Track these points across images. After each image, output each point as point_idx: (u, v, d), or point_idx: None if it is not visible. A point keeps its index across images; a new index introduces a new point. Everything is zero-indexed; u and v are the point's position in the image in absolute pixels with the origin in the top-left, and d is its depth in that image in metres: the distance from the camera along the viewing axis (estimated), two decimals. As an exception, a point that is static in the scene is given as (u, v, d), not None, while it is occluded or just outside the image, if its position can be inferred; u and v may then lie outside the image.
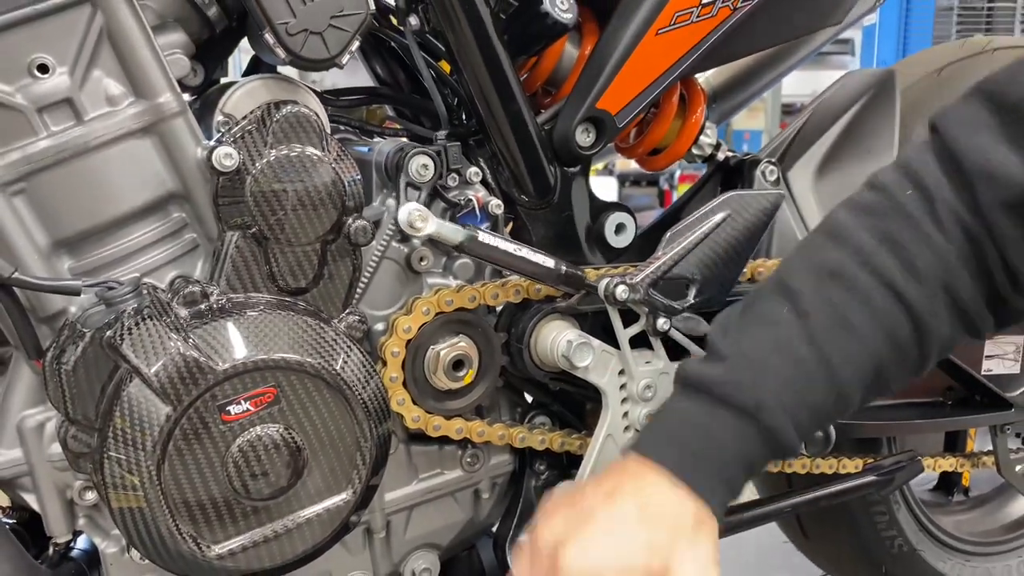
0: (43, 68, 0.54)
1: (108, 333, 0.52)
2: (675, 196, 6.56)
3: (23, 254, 0.55)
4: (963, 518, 1.19)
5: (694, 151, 0.90)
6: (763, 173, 0.92)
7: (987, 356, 1.00)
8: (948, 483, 1.25)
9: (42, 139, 0.55)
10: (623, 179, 6.18)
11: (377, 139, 0.82)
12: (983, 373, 1.00)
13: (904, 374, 0.58)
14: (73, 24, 0.55)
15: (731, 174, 0.95)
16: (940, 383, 0.98)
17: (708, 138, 0.89)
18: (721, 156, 0.92)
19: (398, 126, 0.85)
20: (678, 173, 6.58)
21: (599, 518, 0.51)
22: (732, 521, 0.85)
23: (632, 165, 1.04)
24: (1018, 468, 1.05)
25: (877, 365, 0.56)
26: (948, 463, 1.03)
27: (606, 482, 0.54)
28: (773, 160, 0.92)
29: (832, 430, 0.81)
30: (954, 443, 1.12)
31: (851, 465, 0.91)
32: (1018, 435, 1.08)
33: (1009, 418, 0.99)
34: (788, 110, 6.76)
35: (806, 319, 0.55)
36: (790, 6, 0.81)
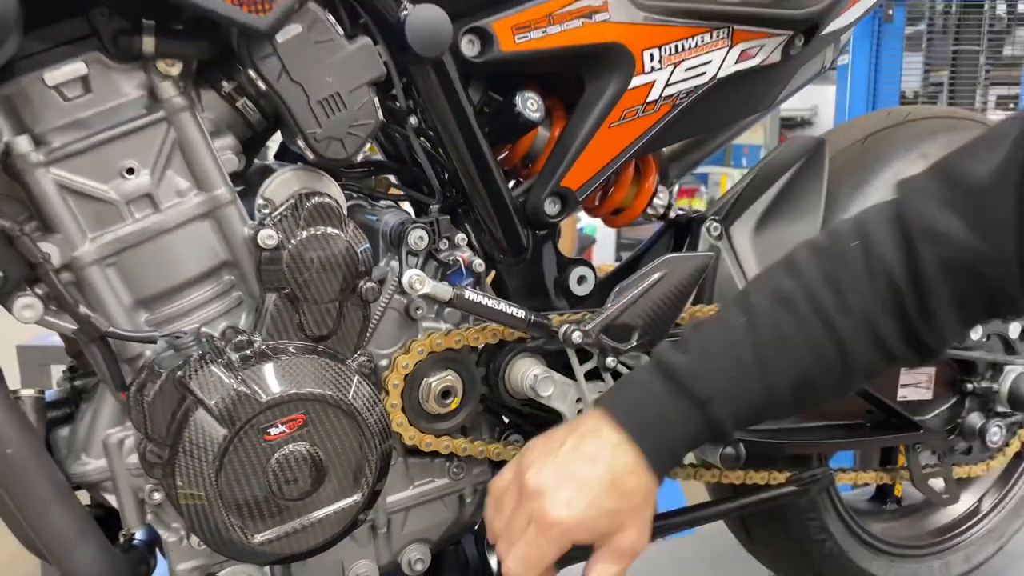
0: (131, 171, 0.72)
1: (179, 373, 0.69)
2: (673, 208, 6.72)
3: (113, 312, 0.72)
4: (892, 524, 1.35)
5: (648, 211, 1.07)
6: (708, 229, 1.08)
7: (903, 384, 1.16)
8: (883, 493, 1.42)
9: (128, 224, 0.72)
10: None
11: (383, 202, 1.00)
12: (899, 398, 1.17)
13: (830, 390, 0.72)
14: (154, 137, 0.72)
15: (683, 229, 1.12)
16: (861, 407, 1.15)
17: (660, 200, 1.06)
18: (672, 215, 1.09)
19: (400, 192, 1.02)
20: (676, 188, 6.75)
21: (569, 456, 0.67)
22: (674, 523, 1.02)
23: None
24: (930, 481, 1.22)
25: (806, 379, 0.70)
26: (869, 476, 1.19)
27: (578, 434, 0.69)
28: (717, 218, 1.10)
29: (743, 448, 0.98)
30: (889, 458, 1.29)
31: (780, 477, 1.08)
32: (934, 452, 1.24)
33: (918, 438, 1.15)
34: (788, 124, 6.92)
35: (755, 331, 0.69)
36: (722, 101, 0.98)
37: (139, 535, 0.84)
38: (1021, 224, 0.63)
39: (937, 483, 1.25)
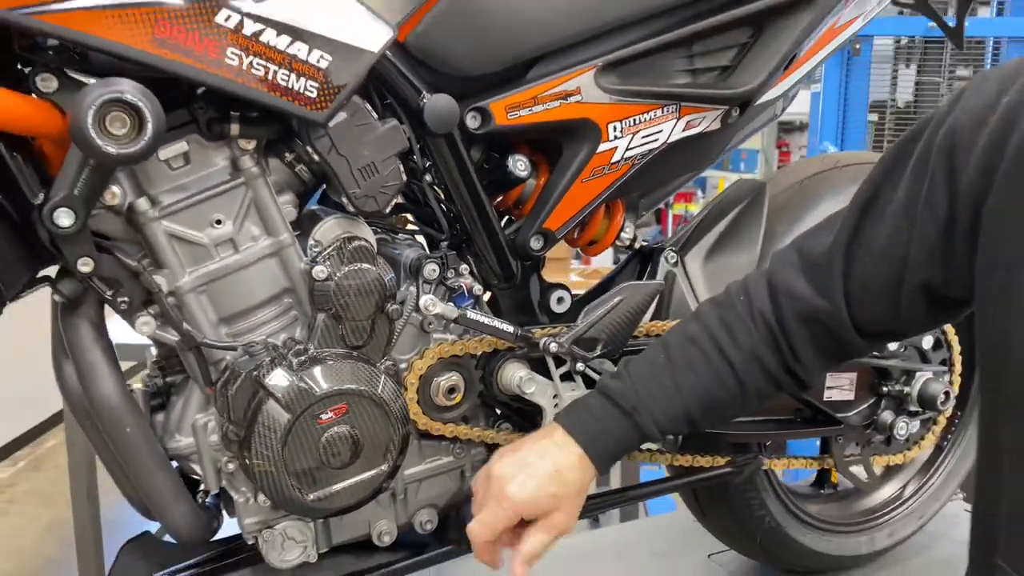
0: (218, 222, 0.96)
1: (254, 373, 0.93)
2: (670, 213, 7.01)
3: (204, 327, 0.96)
4: (826, 506, 1.59)
5: (617, 243, 1.31)
6: (666, 258, 1.32)
7: (828, 387, 1.40)
8: (821, 479, 1.66)
9: (216, 262, 0.96)
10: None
11: (402, 236, 1.24)
12: (825, 399, 1.41)
13: (731, 409, 0.99)
14: (235, 197, 0.96)
15: (645, 257, 1.36)
16: (793, 405, 1.39)
17: (627, 233, 1.30)
18: (637, 245, 1.33)
19: (416, 227, 1.26)
20: (670, 209, 7.02)
21: (526, 453, 0.92)
22: (637, 494, 1.26)
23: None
24: (852, 468, 1.47)
25: (711, 399, 0.96)
26: (799, 463, 1.43)
27: (538, 437, 0.94)
28: (674, 248, 1.34)
29: (680, 437, 1.22)
30: (827, 448, 1.53)
31: (721, 461, 1.32)
32: (858, 444, 1.48)
33: (838, 431, 1.39)
34: (787, 128, 7.16)
35: (671, 363, 0.96)
36: (673, 160, 1.22)
37: (210, 499, 1.09)
38: (845, 289, 0.89)
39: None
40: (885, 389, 1.42)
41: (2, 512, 3.40)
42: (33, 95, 0.83)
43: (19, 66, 0.87)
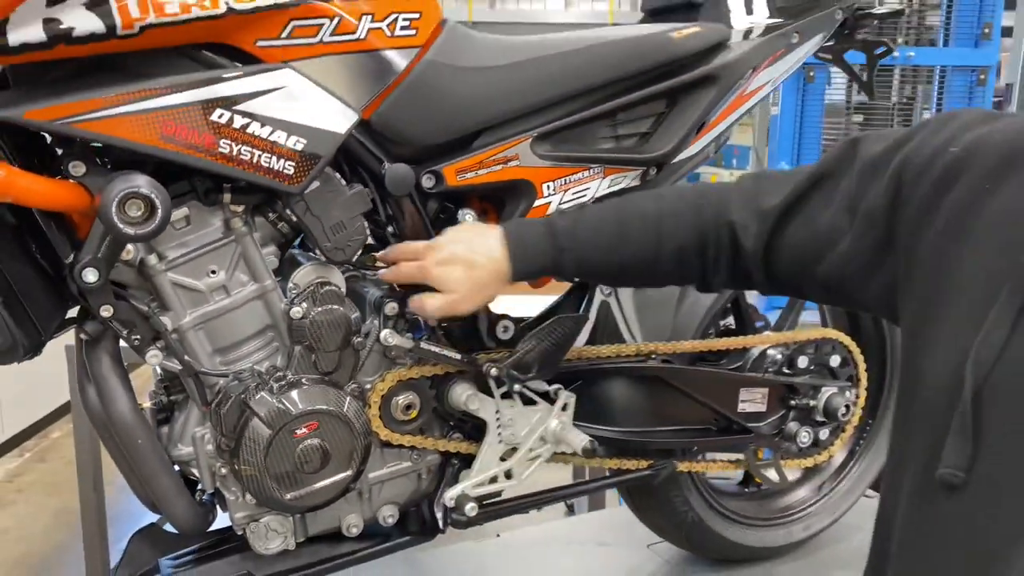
0: (213, 271, 1.17)
1: (242, 396, 1.15)
2: None
3: (202, 357, 1.18)
4: (747, 503, 1.81)
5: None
6: (600, 289, 1.54)
7: (742, 400, 1.62)
8: (748, 478, 1.88)
9: (211, 305, 1.17)
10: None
11: (369, 274, 1.44)
12: (739, 411, 1.62)
13: (638, 279, 1.22)
14: (227, 251, 1.17)
15: (584, 288, 1.58)
16: (710, 416, 1.60)
17: (568, 269, 1.52)
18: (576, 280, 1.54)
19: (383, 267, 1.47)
20: None
21: (464, 231, 1.18)
22: (570, 492, 1.48)
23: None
24: (763, 471, 1.69)
25: (627, 267, 1.13)
26: (717, 467, 1.65)
27: (483, 231, 1.17)
28: (609, 280, 1.55)
29: (599, 446, 1.43)
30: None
31: (643, 464, 1.53)
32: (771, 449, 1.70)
33: (749, 440, 1.61)
34: (779, 125, 7.34)
35: (619, 227, 1.11)
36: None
37: (206, 497, 1.30)
38: (770, 242, 1.01)
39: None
40: (794, 402, 1.64)
41: (11, 501, 3.59)
42: (66, 177, 1.04)
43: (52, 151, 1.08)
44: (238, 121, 1.07)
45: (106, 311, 1.09)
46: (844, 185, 0.93)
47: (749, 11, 1.47)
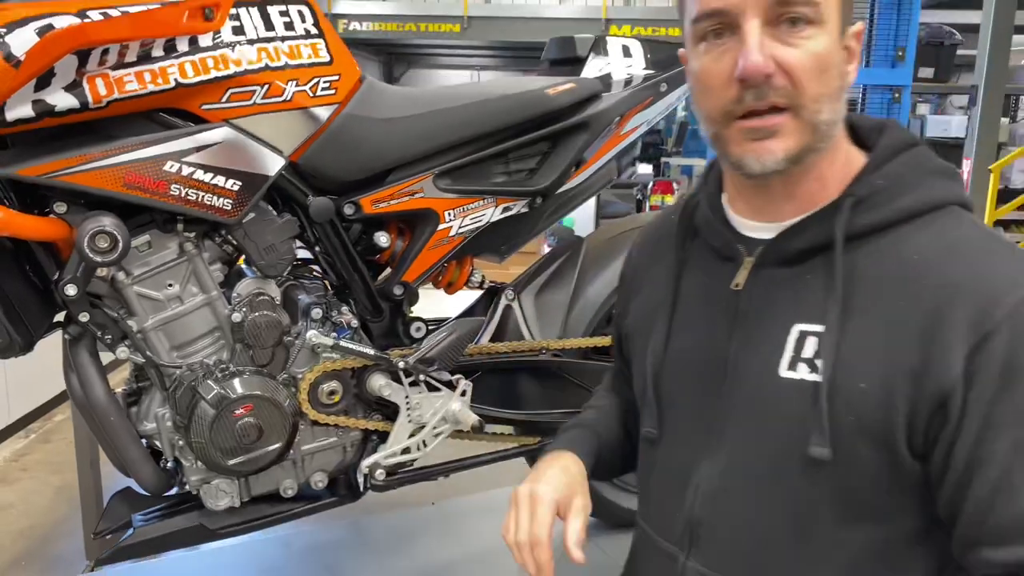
0: (170, 284, 1.48)
1: (193, 383, 1.46)
2: (647, 203, 7.53)
3: (162, 353, 1.48)
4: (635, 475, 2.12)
5: (469, 284, 1.83)
6: (505, 295, 1.85)
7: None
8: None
9: (168, 311, 1.47)
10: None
11: (305, 281, 1.75)
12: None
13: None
14: (181, 268, 1.47)
15: (491, 294, 1.88)
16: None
17: (475, 277, 1.82)
18: (485, 286, 1.85)
19: (317, 273, 1.78)
20: (652, 184, 7.54)
21: (538, 472, 1.05)
22: (469, 463, 1.79)
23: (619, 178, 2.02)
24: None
25: (610, 446, 1.20)
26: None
27: (542, 462, 1.09)
28: (512, 289, 1.85)
29: (483, 424, 1.73)
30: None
31: (534, 441, 1.84)
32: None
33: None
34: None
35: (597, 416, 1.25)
36: (497, 233, 1.72)
37: (170, 464, 1.61)
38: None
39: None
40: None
41: (17, 478, 3.89)
42: (51, 215, 1.35)
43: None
44: (185, 170, 1.37)
45: (84, 317, 1.40)
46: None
47: (627, 55, 1.77)
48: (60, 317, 1.49)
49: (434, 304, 1.96)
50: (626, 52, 1.78)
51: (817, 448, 0.87)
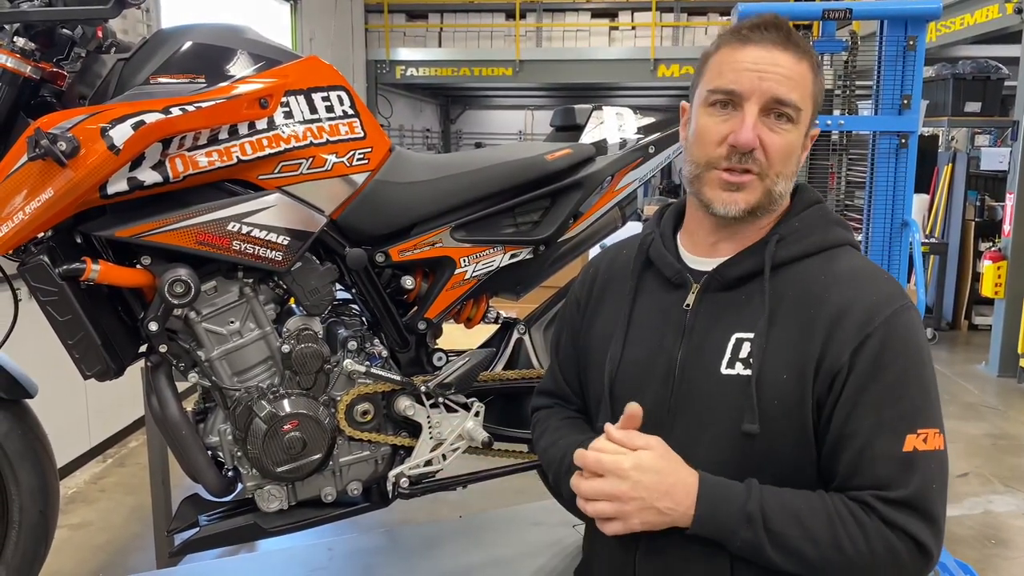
0: (232, 322, 1.79)
1: (249, 403, 1.76)
2: (501, 316, 7.76)
3: (224, 379, 1.79)
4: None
5: (485, 320, 2.11)
6: (517, 329, 2.13)
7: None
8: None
9: (230, 344, 1.78)
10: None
11: (343, 317, 2.05)
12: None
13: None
14: (241, 309, 1.79)
15: (506, 327, 2.16)
16: (601, 424, 2.16)
17: (491, 314, 2.11)
18: (500, 320, 2.13)
19: (354, 311, 2.08)
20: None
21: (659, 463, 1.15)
22: (483, 475, 2.06)
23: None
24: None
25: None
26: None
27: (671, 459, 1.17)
28: (525, 323, 2.14)
29: (491, 439, 2.00)
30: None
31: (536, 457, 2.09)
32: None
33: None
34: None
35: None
36: (507, 276, 2.01)
37: (231, 472, 1.92)
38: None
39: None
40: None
41: (96, 498, 4.24)
42: (139, 266, 1.68)
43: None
44: (245, 229, 1.69)
45: (163, 348, 1.72)
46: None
47: (621, 121, 2.06)
48: (143, 348, 1.82)
49: (459, 337, 2.24)
50: (619, 119, 2.06)
51: (749, 425, 1.15)
